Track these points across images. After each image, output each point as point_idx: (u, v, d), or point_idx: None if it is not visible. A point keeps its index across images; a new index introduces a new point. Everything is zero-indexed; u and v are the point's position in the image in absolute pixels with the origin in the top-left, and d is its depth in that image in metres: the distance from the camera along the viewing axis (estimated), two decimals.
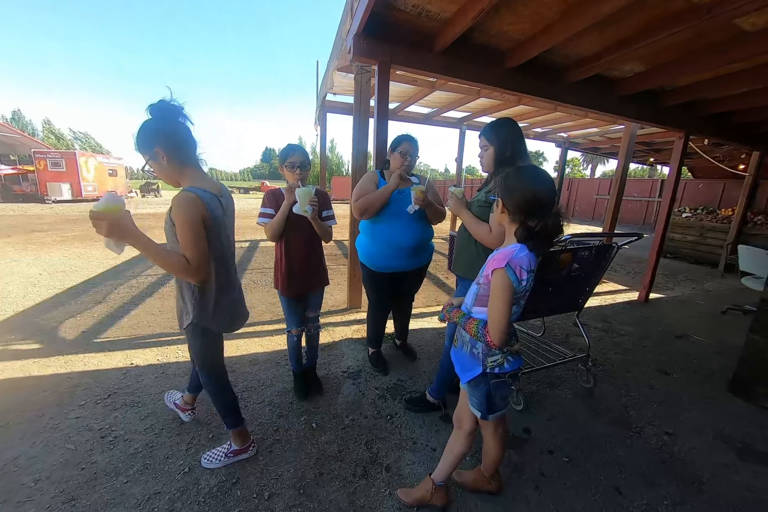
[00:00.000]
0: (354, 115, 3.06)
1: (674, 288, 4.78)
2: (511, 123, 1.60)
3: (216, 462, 1.49)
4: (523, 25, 2.01)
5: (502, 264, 0.95)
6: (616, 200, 4.20)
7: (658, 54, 2.24)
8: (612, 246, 2.02)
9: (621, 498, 1.44)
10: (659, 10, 1.78)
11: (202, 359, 1.42)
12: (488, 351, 1.05)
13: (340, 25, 3.28)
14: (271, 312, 3.29)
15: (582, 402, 2.09)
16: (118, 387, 2.06)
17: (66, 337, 2.69)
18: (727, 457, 1.69)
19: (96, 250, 5.71)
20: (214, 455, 1.51)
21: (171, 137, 1.16)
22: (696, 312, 3.82)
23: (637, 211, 12.85)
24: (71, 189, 15.97)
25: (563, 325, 3.22)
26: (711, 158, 6.17)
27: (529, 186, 0.98)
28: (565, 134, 7.10)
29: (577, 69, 2.43)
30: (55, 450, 1.57)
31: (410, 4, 1.89)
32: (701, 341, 3.06)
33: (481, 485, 1.37)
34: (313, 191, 1.63)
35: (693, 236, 6.56)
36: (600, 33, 2.01)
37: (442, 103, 5.30)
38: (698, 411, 2.05)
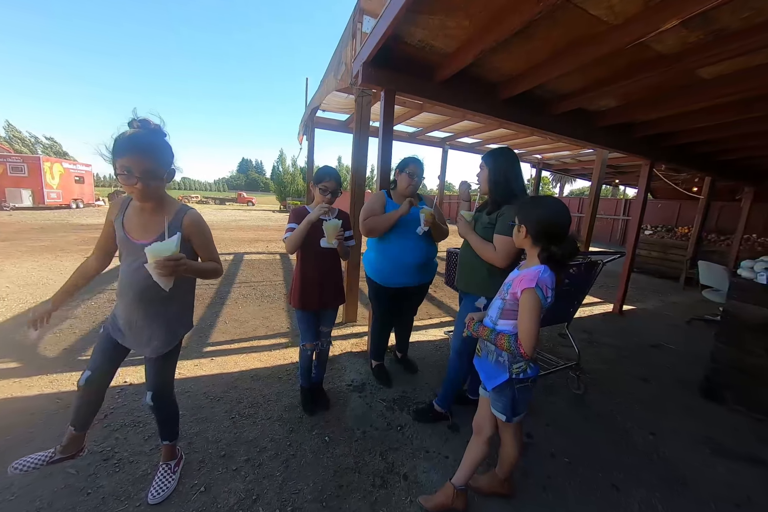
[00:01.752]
0: (354, 135, 3.20)
1: (644, 301, 5.15)
2: (505, 152, 1.75)
3: (169, 485, 1.43)
4: (516, 63, 2.24)
5: (532, 285, 1.08)
6: (590, 220, 4.54)
7: (630, 93, 2.56)
8: (598, 263, 2.21)
9: (619, 494, 1.56)
10: (634, 58, 2.06)
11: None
12: (513, 359, 1.16)
13: (338, 47, 3.45)
14: (266, 327, 3.26)
15: (574, 408, 2.22)
16: (114, 407, 1.97)
17: (47, 355, 2.54)
18: (704, 455, 1.86)
19: (68, 261, 5.41)
20: (163, 481, 1.43)
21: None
22: (665, 323, 4.14)
23: (605, 228, 13.73)
24: (33, 196, 15.06)
25: (550, 336, 3.40)
26: (671, 182, 6.80)
27: (551, 215, 1.13)
28: (540, 156, 7.60)
29: (561, 103, 2.71)
30: (54, 476, 1.49)
31: (417, 39, 2.06)
32: (672, 349, 3.32)
33: (496, 488, 1.44)
34: (339, 223, 1.70)
35: (657, 253, 7.12)
36: (582, 74, 2.28)
37: (427, 123, 5.57)
38: (676, 414, 2.23)
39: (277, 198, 28.89)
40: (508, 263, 1.57)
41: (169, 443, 1.50)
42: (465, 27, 1.83)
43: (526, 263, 1.23)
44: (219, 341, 2.90)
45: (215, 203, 36.23)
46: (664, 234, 7.64)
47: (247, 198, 37.83)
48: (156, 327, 1.29)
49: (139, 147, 1.09)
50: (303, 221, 1.72)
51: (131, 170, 1.08)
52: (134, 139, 1.09)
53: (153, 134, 1.14)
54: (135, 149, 1.08)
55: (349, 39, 2.87)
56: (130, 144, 1.08)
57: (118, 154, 1.08)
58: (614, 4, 1.61)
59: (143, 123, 1.13)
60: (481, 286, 1.72)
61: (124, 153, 1.08)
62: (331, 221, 1.70)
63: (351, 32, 2.80)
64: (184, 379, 2.29)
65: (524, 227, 1.17)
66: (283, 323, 3.37)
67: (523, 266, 1.22)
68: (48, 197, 15.45)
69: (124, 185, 1.11)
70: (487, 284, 1.68)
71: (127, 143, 1.08)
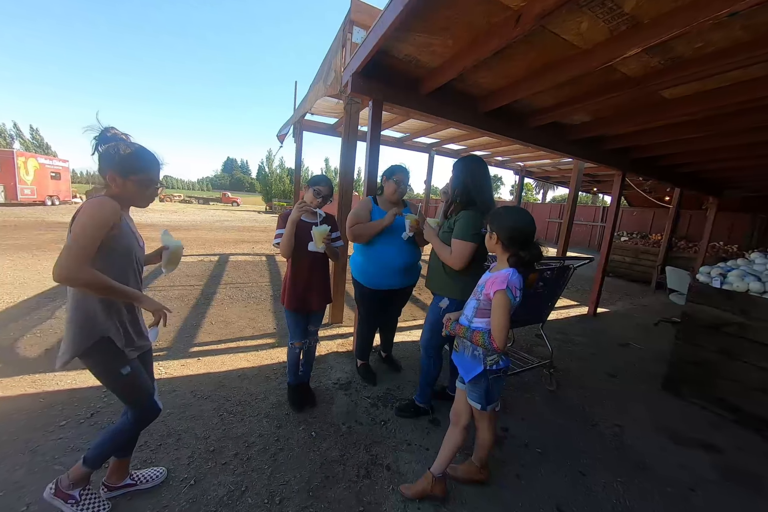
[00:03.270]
0: (342, 140, 3.29)
1: (616, 303, 5.43)
2: (468, 161, 1.85)
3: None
4: (495, 80, 2.40)
5: (503, 286, 1.20)
6: (568, 225, 4.77)
7: (601, 110, 2.77)
8: (569, 267, 2.38)
9: (585, 478, 1.70)
10: (603, 79, 2.25)
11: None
12: (487, 352, 1.28)
13: (328, 54, 3.55)
14: (252, 327, 3.30)
15: (548, 403, 2.37)
16: (100, 406, 1.99)
17: (28, 355, 2.52)
18: (663, 442, 2.04)
19: (46, 261, 5.26)
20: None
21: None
22: (634, 324, 4.39)
23: (584, 234, 14.27)
24: (5, 192, 14.46)
25: (527, 337, 3.57)
26: (641, 191, 7.17)
27: (520, 224, 1.27)
28: (522, 164, 7.89)
29: (537, 116, 2.89)
30: (42, 473, 1.51)
31: (404, 53, 2.18)
32: (639, 348, 3.55)
33: (473, 475, 1.56)
34: (327, 229, 1.78)
35: (630, 258, 7.48)
36: (556, 91, 2.47)
37: (414, 129, 5.72)
38: (640, 407, 2.42)
39: (263, 199, 28.61)
40: (463, 266, 1.70)
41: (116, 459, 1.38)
42: (449, 46, 1.96)
43: (496, 266, 1.36)
44: (205, 342, 2.92)
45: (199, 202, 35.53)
46: (638, 240, 8.05)
47: (232, 198, 37.26)
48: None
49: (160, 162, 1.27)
50: (287, 223, 1.80)
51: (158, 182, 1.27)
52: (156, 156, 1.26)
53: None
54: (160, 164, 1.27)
55: (339, 48, 2.97)
56: (159, 160, 1.26)
57: (156, 168, 1.25)
58: (583, 32, 1.77)
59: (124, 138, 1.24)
60: (444, 287, 1.86)
61: (159, 168, 1.26)
62: (319, 227, 1.78)
63: (341, 42, 2.90)
64: (171, 378, 2.32)
65: (495, 234, 1.30)
66: (269, 323, 3.41)
67: (494, 269, 1.34)
68: (21, 192, 14.86)
69: (153, 196, 1.28)
70: (449, 285, 1.82)
71: (157, 160, 1.25)
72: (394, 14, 1.60)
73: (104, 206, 1.10)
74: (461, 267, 1.70)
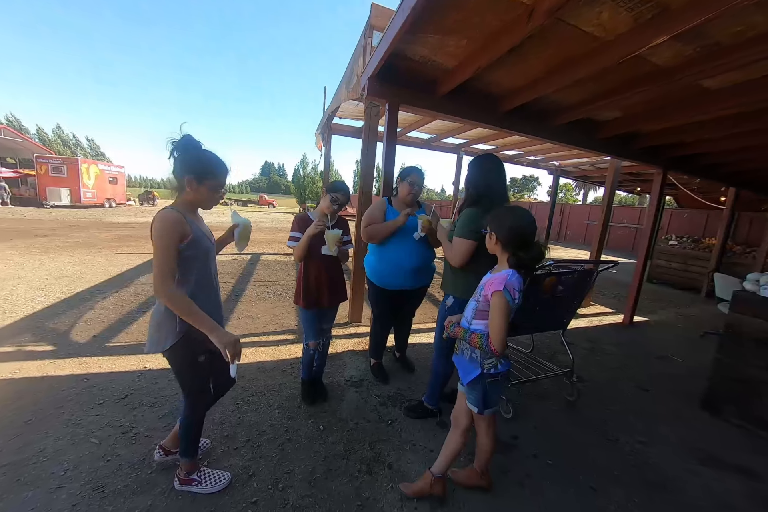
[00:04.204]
0: (362, 142, 3.36)
1: (657, 312, 5.03)
2: (478, 161, 1.82)
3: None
4: (513, 78, 2.34)
5: (500, 288, 1.18)
6: (602, 227, 4.50)
7: (633, 105, 2.59)
8: (592, 271, 2.26)
9: (595, 494, 1.61)
10: (631, 72, 2.11)
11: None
12: (485, 355, 1.26)
13: (351, 59, 3.64)
14: (276, 324, 3.44)
15: (565, 413, 2.26)
16: (134, 389, 2.18)
17: (78, 340, 2.81)
18: (691, 463, 1.88)
19: (101, 257, 5.83)
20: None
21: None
22: (676, 335, 4.05)
23: (627, 237, 13.36)
24: (71, 195, 16.12)
25: (551, 344, 3.42)
26: (689, 191, 6.60)
27: (518, 224, 1.24)
28: (557, 163, 7.54)
29: (563, 114, 2.77)
30: (80, 444, 1.69)
31: (419, 55, 2.19)
32: (679, 362, 3.27)
33: (474, 481, 1.53)
34: (340, 233, 1.84)
35: (677, 263, 6.90)
36: (580, 88, 2.35)
37: (442, 130, 5.67)
38: (670, 424, 2.23)
39: (297, 201, 29.62)
40: (462, 263, 1.70)
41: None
42: (463, 46, 1.95)
43: (497, 267, 1.34)
44: None
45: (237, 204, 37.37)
46: (688, 245, 7.40)
47: (268, 200, 38.87)
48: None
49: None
50: (304, 236, 1.85)
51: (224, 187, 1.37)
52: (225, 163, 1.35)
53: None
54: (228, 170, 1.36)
55: (361, 53, 3.05)
56: (227, 167, 1.35)
57: (225, 174, 1.34)
58: (604, 22, 1.69)
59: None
60: (448, 285, 1.87)
61: (227, 174, 1.35)
62: (332, 231, 1.83)
63: (362, 47, 2.97)
64: None
65: (494, 234, 1.28)
66: (292, 321, 3.55)
67: (495, 271, 1.32)
68: (84, 196, 16.51)
69: (219, 199, 1.38)
70: (452, 283, 1.83)
71: (226, 167, 1.34)
72: (402, 18, 1.63)
73: (166, 221, 1.19)
74: (460, 264, 1.71)
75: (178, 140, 1.26)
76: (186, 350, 1.30)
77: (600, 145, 3.27)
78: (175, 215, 1.21)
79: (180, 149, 1.27)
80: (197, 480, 1.47)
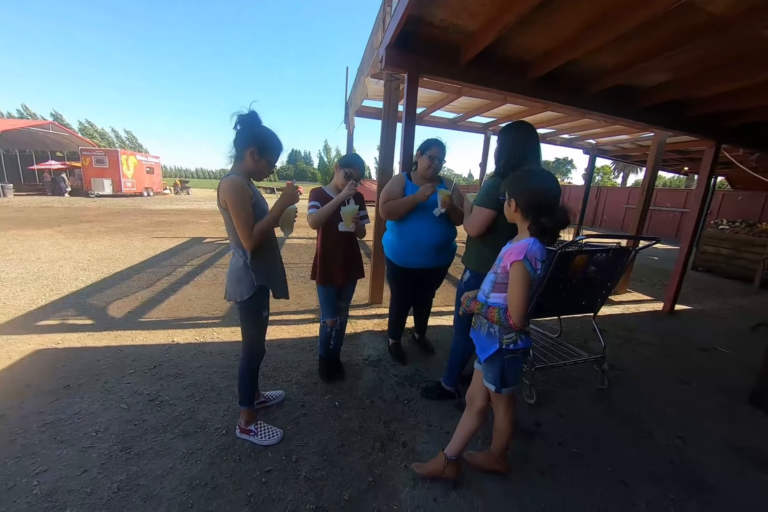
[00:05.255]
0: (382, 120, 3.23)
1: (702, 302, 4.64)
2: (507, 128, 1.69)
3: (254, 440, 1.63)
4: (543, 39, 2.11)
5: (520, 257, 1.08)
6: (642, 209, 4.16)
7: (682, 66, 2.26)
8: (629, 250, 2.06)
9: (626, 490, 1.50)
10: (681, 24, 1.82)
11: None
12: (504, 330, 1.18)
13: (371, 35, 3.47)
14: (297, 304, 3.49)
15: (595, 402, 2.13)
16: (161, 360, 2.29)
17: (115, 316, 2.98)
18: (738, 464, 1.71)
19: (138, 241, 6.15)
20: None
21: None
22: (723, 327, 3.72)
23: (669, 222, 12.36)
24: (112, 185, 17.06)
25: (581, 330, 3.24)
26: (748, 169, 5.93)
27: (538, 187, 1.12)
28: (594, 141, 7.00)
29: (601, 79, 2.49)
30: (111, 409, 1.79)
31: (439, 18, 2.02)
32: (725, 355, 3.00)
33: (490, 465, 1.47)
34: (356, 208, 1.81)
35: (727, 250, 6.31)
36: (620, 47, 2.07)
37: (468, 108, 5.39)
38: (714, 420, 2.05)
39: None
40: (478, 233, 1.63)
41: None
42: (486, 3, 1.77)
43: (517, 237, 1.23)
44: None
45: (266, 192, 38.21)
46: (741, 229, 6.72)
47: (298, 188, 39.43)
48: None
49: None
50: (333, 201, 1.80)
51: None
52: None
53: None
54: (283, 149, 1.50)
55: (380, 26, 2.89)
56: (282, 146, 1.49)
57: (281, 152, 1.48)
58: None
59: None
60: (470, 258, 1.79)
61: (281, 152, 1.49)
62: (348, 207, 1.78)
63: (381, 18, 2.81)
64: (221, 343, 2.58)
65: (513, 200, 1.17)
66: (313, 301, 3.58)
67: (514, 240, 1.21)
68: (124, 186, 17.42)
69: (270, 173, 1.54)
70: (474, 257, 1.74)
71: (282, 146, 1.48)
72: None
73: (236, 184, 1.33)
74: (475, 234, 1.64)
75: (245, 114, 1.38)
76: (256, 304, 1.50)
77: (642, 115, 2.93)
78: (240, 179, 1.35)
79: (245, 123, 1.38)
80: (254, 431, 1.61)
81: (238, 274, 1.46)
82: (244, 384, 1.60)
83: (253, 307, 1.51)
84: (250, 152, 1.38)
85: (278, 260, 1.64)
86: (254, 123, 1.39)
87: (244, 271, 1.44)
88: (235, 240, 1.44)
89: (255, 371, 1.64)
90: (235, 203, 1.32)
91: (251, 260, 1.44)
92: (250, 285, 1.45)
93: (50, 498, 1.29)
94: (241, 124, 1.38)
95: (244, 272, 1.44)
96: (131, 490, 1.33)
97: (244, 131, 1.39)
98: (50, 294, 3.37)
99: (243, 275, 1.45)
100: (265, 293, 1.54)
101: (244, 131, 1.39)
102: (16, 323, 2.73)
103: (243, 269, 1.45)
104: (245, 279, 1.45)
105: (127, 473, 1.41)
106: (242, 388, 1.60)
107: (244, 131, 1.39)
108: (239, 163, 1.42)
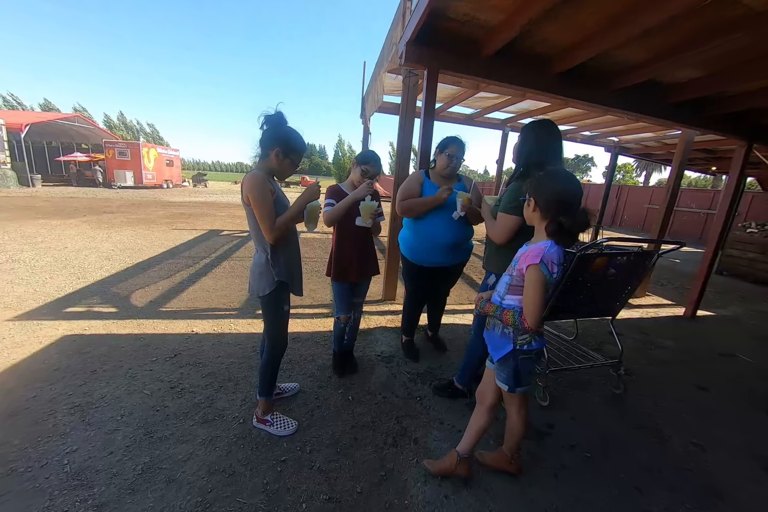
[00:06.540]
0: (400, 116, 3.21)
1: (726, 307, 4.48)
2: (529, 126, 1.67)
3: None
4: (567, 33, 2.04)
5: (536, 261, 1.07)
6: (666, 210, 4.02)
7: (713, 61, 2.15)
8: (651, 253, 2.01)
9: (640, 496, 1.48)
10: (714, 17, 1.73)
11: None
12: (518, 332, 1.17)
13: (389, 31, 3.44)
14: (311, 298, 3.54)
15: (609, 406, 2.11)
16: (181, 349, 2.36)
17: (137, 305, 3.09)
18: (755, 472, 1.67)
19: (158, 232, 6.33)
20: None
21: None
22: (746, 333, 3.59)
23: (694, 224, 11.90)
24: (134, 177, 17.52)
25: (597, 333, 3.18)
26: None
27: (559, 187, 1.10)
28: (616, 139, 6.79)
29: (626, 75, 2.40)
30: (135, 394, 1.87)
31: (461, 13, 1.97)
32: (748, 361, 2.90)
33: (502, 465, 1.47)
34: (376, 204, 1.81)
35: (753, 253, 6.06)
36: (646, 41, 1.99)
37: (486, 104, 5.29)
38: (733, 428, 2.00)
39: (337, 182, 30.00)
40: (505, 240, 1.60)
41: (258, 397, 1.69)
42: None
43: (534, 238, 1.21)
44: None
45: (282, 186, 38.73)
46: None
47: (310, 181, 39.57)
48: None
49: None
50: (348, 198, 1.80)
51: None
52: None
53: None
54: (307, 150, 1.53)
55: (399, 20, 2.85)
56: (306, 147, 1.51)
57: (304, 153, 1.51)
58: None
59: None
60: (492, 262, 1.77)
61: (305, 153, 1.52)
62: (367, 202, 1.78)
63: (401, 13, 2.78)
64: (238, 334, 2.64)
65: (533, 199, 1.15)
66: (327, 295, 3.63)
67: (531, 242, 1.20)
68: (145, 178, 17.87)
69: (292, 173, 1.55)
70: (496, 260, 1.72)
71: (306, 147, 1.51)
72: None
73: (258, 179, 1.38)
74: (502, 242, 1.60)
75: (271, 115, 1.42)
76: (276, 298, 1.55)
77: (669, 112, 2.82)
78: (262, 175, 1.40)
79: (272, 123, 1.43)
80: (270, 421, 1.66)
81: (260, 269, 1.51)
82: (265, 376, 1.65)
83: (274, 302, 1.56)
84: (275, 151, 1.42)
85: (298, 259, 1.69)
86: (280, 123, 1.44)
87: (266, 267, 1.49)
88: (258, 237, 1.48)
89: (277, 364, 1.69)
90: (256, 197, 1.37)
91: (272, 256, 1.48)
92: (270, 280, 1.49)
93: (79, 476, 1.36)
94: (268, 124, 1.42)
95: (265, 267, 1.49)
96: (154, 473, 1.40)
97: (270, 131, 1.43)
98: (77, 282, 3.51)
99: (264, 271, 1.50)
100: (286, 288, 1.58)
101: (270, 131, 1.43)
102: (46, 309, 2.86)
103: (264, 265, 1.49)
104: (266, 275, 1.49)
105: (150, 456, 1.47)
106: (263, 379, 1.65)
107: (270, 131, 1.43)
108: (264, 161, 1.46)
